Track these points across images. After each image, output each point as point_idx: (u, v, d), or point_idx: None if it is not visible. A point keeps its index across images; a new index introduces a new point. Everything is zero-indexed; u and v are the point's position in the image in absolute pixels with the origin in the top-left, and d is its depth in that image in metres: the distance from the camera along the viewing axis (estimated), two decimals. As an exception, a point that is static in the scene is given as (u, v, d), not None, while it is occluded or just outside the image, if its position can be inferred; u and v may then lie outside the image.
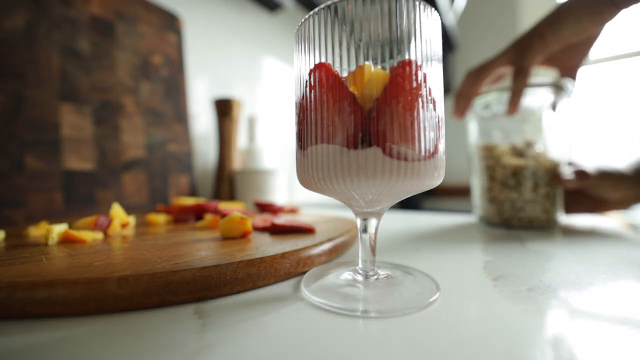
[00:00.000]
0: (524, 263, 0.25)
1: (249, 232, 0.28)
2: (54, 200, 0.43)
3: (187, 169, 0.63)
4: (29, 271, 0.17)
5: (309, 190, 0.24)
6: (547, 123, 0.40)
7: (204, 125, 0.76)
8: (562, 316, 0.16)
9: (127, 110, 0.54)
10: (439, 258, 0.27)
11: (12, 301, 0.15)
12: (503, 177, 0.40)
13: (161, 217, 0.38)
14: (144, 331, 0.14)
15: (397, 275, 0.21)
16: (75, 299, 0.16)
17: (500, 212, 0.41)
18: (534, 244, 0.32)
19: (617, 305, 0.17)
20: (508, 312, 0.16)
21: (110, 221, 0.31)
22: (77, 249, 0.23)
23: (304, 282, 0.20)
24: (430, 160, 0.17)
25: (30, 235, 0.30)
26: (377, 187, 0.16)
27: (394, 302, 0.17)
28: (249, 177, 0.65)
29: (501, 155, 0.40)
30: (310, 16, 0.18)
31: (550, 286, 0.20)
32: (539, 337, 0.14)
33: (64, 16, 0.47)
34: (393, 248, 0.31)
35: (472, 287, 0.20)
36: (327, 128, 0.16)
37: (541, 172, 0.39)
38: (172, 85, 0.62)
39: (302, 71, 0.18)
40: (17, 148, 0.41)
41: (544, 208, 0.39)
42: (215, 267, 0.19)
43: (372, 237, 0.20)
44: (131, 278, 0.17)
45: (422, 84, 0.16)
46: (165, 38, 0.61)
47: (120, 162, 0.52)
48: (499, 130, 0.43)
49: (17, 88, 0.41)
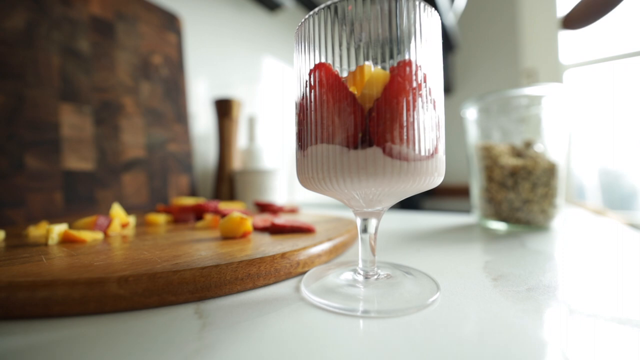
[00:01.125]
0: (523, 263, 0.25)
1: (249, 232, 0.28)
2: (54, 200, 0.43)
3: (187, 169, 0.63)
4: (29, 271, 0.17)
5: (309, 190, 0.24)
6: (546, 123, 0.40)
7: (204, 125, 0.76)
8: (562, 316, 0.16)
9: (127, 110, 0.54)
10: (439, 258, 0.27)
11: (12, 301, 0.15)
12: (500, 177, 0.40)
13: (161, 217, 0.38)
14: (144, 331, 0.14)
15: (397, 275, 0.21)
16: (75, 299, 0.16)
17: (497, 212, 0.41)
18: (533, 244, 0.32)
19: (617, 305, 0.17)
20: (508, 312, 0.16)
21: (110, 221, 0.31)
22: (77, 249, 0.23)
23: (304, 282, 0.20)
24: (430, 160, 0.17)
25: (30, 235, 0.30)
26: (377, 187, 0.16)
27: (394, 302, 0.17)
28: (249, 177, 0.65)
29: (499, 156, 0.40)
30: (310, 16, 0.18)
31: (550, 286, 0.20)
32: (538, 337, 0.14)
33: (64, 16, 0.47)
34: (393, 248, 0.31)
35: (472, 287, 0.20)
36: (327, 128, 0.16)
37: (539, 172, 0.38)
38: (172, 85, 0.62)
39: (302, 71, 0.18)
40: (17, 148, 0.41)
41: (542, 209, 0.39)
42: (215, 267, 0.19)
43: (372, 237, 0.20)
44: (131, 278, 0.17)
45: (422, 84, 0.16)
46: (165, 38, 0.61)
47: (120, 162, 0.52)
48: (498, 131, 0.43)
49: (17, 88, 0.41)
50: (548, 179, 0.39)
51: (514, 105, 0.41)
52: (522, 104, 0.41)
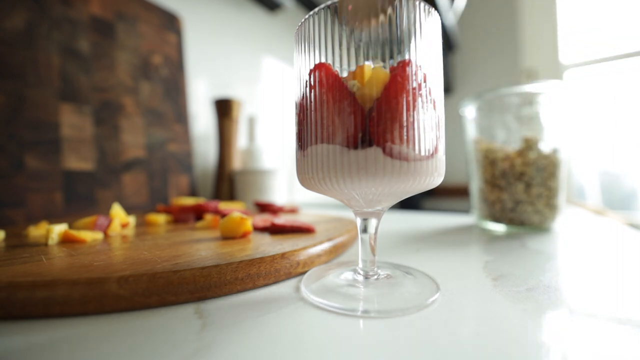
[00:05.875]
0: (523, 263, 0.25)
1: (249, 232, 0.28)
2: (54, 200, 0.43)
3: (187, 169, 0.63)
4: (29, 271, 0.17)
5: (309, 190, 0.24)
6: (545, 122, 0.40)
7: (204, 125, 0.76)
8: (562, 316, 0.16)
9: (127, 110, 0.54)
10: (438, 258, 0.27)
11: (12, 301, 0.15)
12: (493, 177, 0.40)
13: (161, 217, 0.38)
14: (144, 331, 0.14)
15: (397, 275, 0.21)
16: (75, 299, 0.16)
17: (492, 213, 0.40)
18: (533, 244, 0.32)
19: (617, 305, 0.17)
20: (508, 312, 0.16)
21: (110, 221, 0.31)
22: (77, 249, 0.23)
23: (304, 282, 0.20)
24: (430, 160, 0.17)
25: (30, 235, 0.30)
26: (377, 187, 0.16)
27: (394, 302, 0.17)
28: (249, 177, 0.65)
29: (493, 155, 0.40)
30: (310, 16, 0.18)
31: (550, 286, 0.20)
32: (538, 337, 0.14)
33: (64, 16, 0.47)
34: (393, 248, 0.31)
35: (472, 287, 0.20)
36: (327, 128, 0.16)
37: (532, 172, 0.38)
38: (172, 85, 0.62)
39: (302, 71, 0.18)
40: (17, 148, 0.41)
41: (537, 209, 0.38)
42: (215, 267, 0.19)
43: (372, 237, 0.20)
44: (131, 278, 0.17)
45: (422, 84, 0.16)
46: (165, 38, 0.61)
47: (120, 162, 0.52)
48: (496, 129, 0.43)
49: (17, 88, 0.41)
50: (544, 179, 0.38)
51: (513, 103, 0.41)
52: (520, 102, 0.40)
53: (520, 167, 0.38)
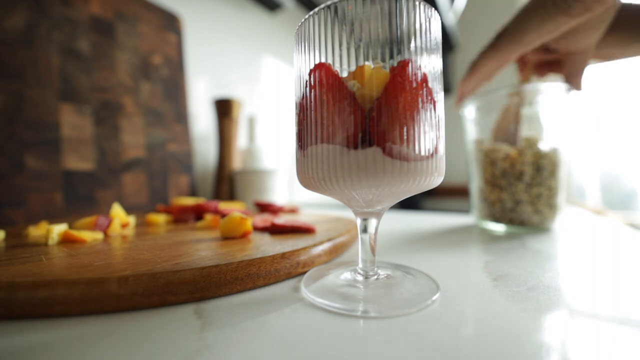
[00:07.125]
0: (523, 263, 0.25)
1: (249, 232, 0.28)
2: (54, 200, 0.43)
3: (187, 169, 0.63)
4: (29, 271, 0.17)
5: (309, 190, 0.24)
6: (545, 122, 0.40)
7: (204, 125, 0.76)
8: (562, 316, 0.16)
9: (127, 110, 0.54)
10: (438, 258, 0.27)
11: (12, 301, 0.15)
12: (493, 177, 0.40)
13: (161, 217, 0.38)
14: (144, 331, 0.14)
15: (397, 275, 0.21)
16: (75, 299, 0.16)
17: (492, 213, 0.40)
18: (533, 244, 0.32)
19: (617, 305, 0.17)
20: (508, 312, 0.16)
21: (110, 221, 0.31)
22: (77, 249, 0.23)
23: (304, 282, 0.20)
24: (430, 160, 0.17)
25: (30, 235, 0.30)
26: (377, 187, 0.16)
27: (394, 302, 0.17)
28: (249, 177, 0.65)
29: (493, 155, 0.40)
30: (310, 16, 0.18)
31: (550, 286, 0.20)
32: (538, 337, 0.14)
33: (64, 16, 0.47)
34: (393, 248, 0.31)
35: (472, 287, 0.20)
36: (327, 128, 0.16)
37: (532, 172, 0.38)
38: (172, 85, 0.62)
39: (302, 71, 0.18)
40: (17, 148, 0.41)
41: (536, 209, 0.38)
42: (215, 267, 0.19)
43: (372, 237, 0.20)
44: (131, 278, 0.17)
45: (422, 84, 0.16)
46: (165, 38, 0.61)
47: (120, 162, 0.52)
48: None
49: (17, 88, 0.41)
50: (544, 179, 0.38)
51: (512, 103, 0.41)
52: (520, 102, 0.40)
53: (521, 167, 0.38)
